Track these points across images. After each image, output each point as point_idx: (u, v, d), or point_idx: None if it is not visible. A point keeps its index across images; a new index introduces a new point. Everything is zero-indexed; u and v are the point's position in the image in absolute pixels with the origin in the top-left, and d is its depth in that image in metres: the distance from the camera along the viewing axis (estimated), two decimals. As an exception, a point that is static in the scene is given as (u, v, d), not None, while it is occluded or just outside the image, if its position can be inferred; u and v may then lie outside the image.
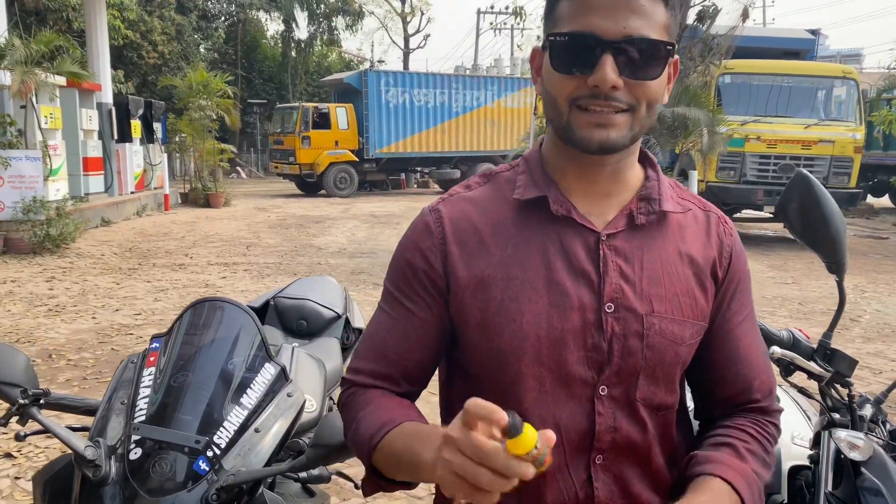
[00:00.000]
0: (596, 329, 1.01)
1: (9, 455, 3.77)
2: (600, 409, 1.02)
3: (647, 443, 1.06)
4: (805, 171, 1.54)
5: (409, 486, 1.03)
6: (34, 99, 10.30)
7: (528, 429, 0.72)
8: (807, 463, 1.70)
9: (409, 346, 1.09)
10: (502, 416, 0.72)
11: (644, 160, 1.10)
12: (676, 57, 1.02)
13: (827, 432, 1.61)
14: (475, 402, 0.74)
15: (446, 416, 1.16)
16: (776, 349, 1.54)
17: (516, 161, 1.13)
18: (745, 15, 9.71)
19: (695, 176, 10.16)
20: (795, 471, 1.75)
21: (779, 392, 1.96)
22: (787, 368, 1.61)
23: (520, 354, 1.01)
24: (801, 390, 1.70)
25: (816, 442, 1.65)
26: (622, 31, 0.94)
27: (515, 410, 0.97)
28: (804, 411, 1.93)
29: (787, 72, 11.38)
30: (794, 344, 1.62)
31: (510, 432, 0.71)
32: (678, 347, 1.03)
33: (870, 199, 17.87)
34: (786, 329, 1.65)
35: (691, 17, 9.72)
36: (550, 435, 0.73)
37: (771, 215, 11.88)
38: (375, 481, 1.05)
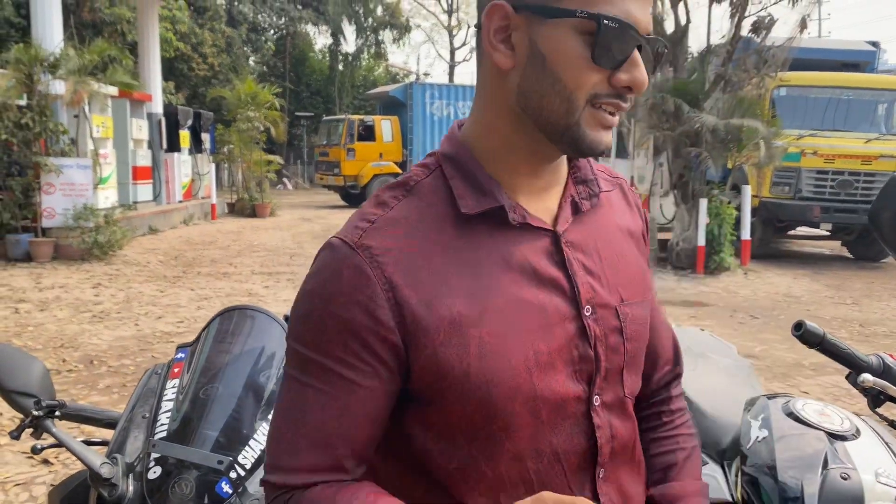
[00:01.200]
0: (580, 338, 0.90)
1: (46, 461, 3.75)
2: (598, 423, 0.92)
3: (634, 437, 0.99)
4: (902, 175, 1.37)
5: None
6: (87, 108, 10.52)
7: None
8: (895, 505, 1.51)
9: (357, 423, 0.86)
10: None
11: None
12: None
13: (921, 472, 1.42)
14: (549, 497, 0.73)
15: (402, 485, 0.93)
16: (867, 377, 1.37)
17: (428, 162, 0.93)
18: (803, 26, 9.38)
19: (748, 191, 9.84)
20: (882, 513, 1.55)
21: (860, 424, 1.78)
22: (877, 399, 1.43)
23: (513, 395, 0.86)
24: (893, 423, 1.52)
25: (908, 482, 1.46)
26: (648, 27, 0.83)
27: (508, 453, 0.89)
28: (889, 446, 1.74)
29: (846, 84, 10.95)
30: (885, 371, 1.44)
31: None
32: (645, 329, 0.99)
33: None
34: (875, 354, 1.47)
35: (746, 27, 9.46)
36: None
37: (827, 233, 11.45)
38: None
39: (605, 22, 0.80)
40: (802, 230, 12.27)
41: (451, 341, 0.84)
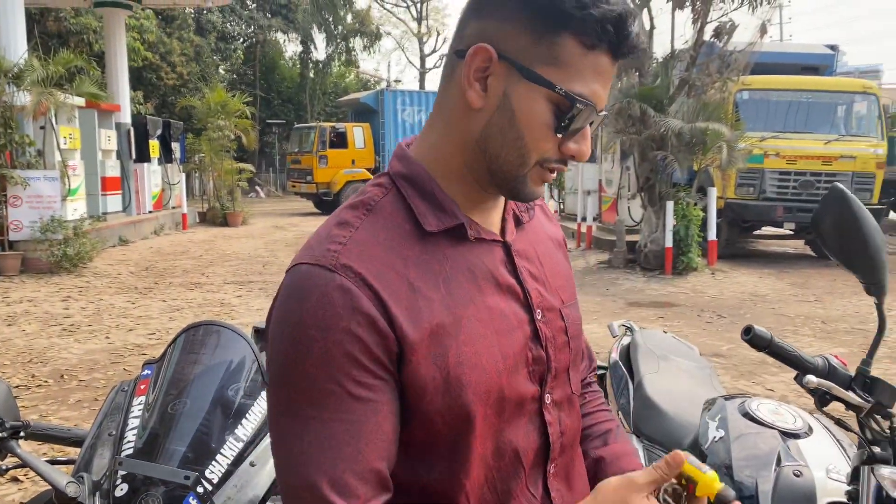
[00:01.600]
0: (533, 341, 0.97)
1: (15, 479, 3.70)
2: (549, 419, 0.99)
3: (578, 431, 1.07)
4: (841, 185, 1.43)
5: None
6: (53, 119, 10.39)
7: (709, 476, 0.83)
8: (844, 499, 1.57)
9: (388, 438, 0.86)
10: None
11: None
12: None
13: (867, 468, 1.48)
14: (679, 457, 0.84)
15: None
16: (811, 378, 1.42)
17: (382, 181, 0.96)
18: (763, 31, 9.59)
19: (713, 193, 10.01)
20: (832, 507, 1.62)
21: (813, 422, 1.84)
22: (823, 398, 1.48)
23: (486, 399, 0.90)
24: (839, 422, 1.58)
25: (855, 477, 1.52)
26: (604, 103, 0.91)
27: (479, 457, 0.93)
28: (839, 443, 1.80)
29: (806, 87, 11.20)
30: (829, 372, 1.49)
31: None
32: (581, 328, 1.08)
33: (892, 215, 17.58)
34: (820, 356, 1.53)
35: (708, 33, 9.64)
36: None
37: (791, 232, 11.68)
38: None
39: (578, 105, 0.87)
40: (767, 230, 12.50)
41: (431, 353, 0.87)
